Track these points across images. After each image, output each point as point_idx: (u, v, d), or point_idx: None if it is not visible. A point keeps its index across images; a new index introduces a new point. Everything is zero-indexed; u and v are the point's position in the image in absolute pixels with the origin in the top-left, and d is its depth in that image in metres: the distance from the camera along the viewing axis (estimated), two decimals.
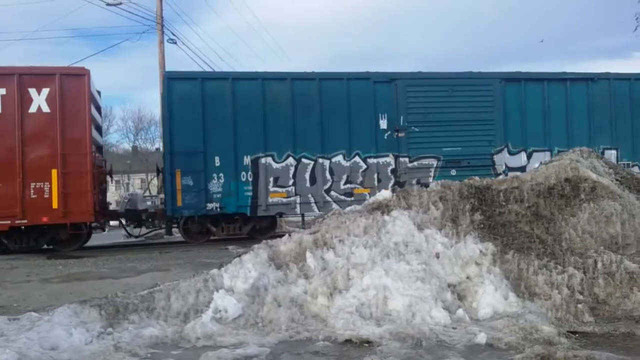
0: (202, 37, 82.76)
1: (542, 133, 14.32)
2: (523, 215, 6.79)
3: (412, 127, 13.56)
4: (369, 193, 12.61)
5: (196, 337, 4.86)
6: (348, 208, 7.24)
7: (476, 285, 5.77)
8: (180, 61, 45.75)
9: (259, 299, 5.49)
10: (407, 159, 13.48)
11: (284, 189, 12.90)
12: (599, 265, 5.97)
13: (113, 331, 4.87)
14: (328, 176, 13.10)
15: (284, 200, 12.91)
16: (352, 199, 12.79)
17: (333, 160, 13.15)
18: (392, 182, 13.25)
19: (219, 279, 5.73)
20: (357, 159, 13.27)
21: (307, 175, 13.00)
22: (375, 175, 13.28)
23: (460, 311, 5.42)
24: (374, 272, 5.66)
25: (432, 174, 13.54)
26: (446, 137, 13.67)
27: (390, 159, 13.44)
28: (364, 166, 13.31)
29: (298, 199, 12.95)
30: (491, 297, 5.55)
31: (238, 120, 12.67)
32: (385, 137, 13.46)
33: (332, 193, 13.07)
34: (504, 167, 13.93)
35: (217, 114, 12.59)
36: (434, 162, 13.68)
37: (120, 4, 19.60)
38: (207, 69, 20.48)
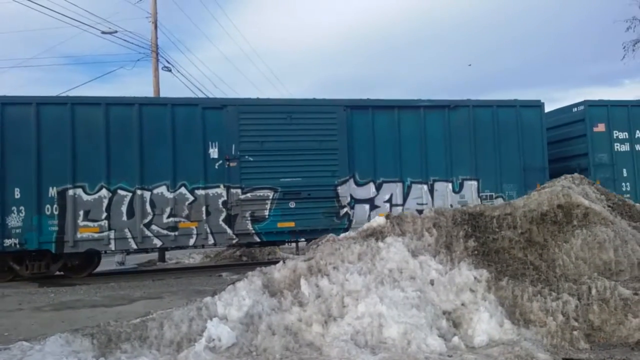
0: (196, 65, 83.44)
1: (394, 163, 13.60)
2: (516, 242, 6.82)
3: (246, 157, 12.67)
4: (195, 227, 12.17)
5: None
6: (342, 235, 7.24)
7: (471, 312, 5.76)
8: (175, 88, 46.06)
9: (253, 327, 5.46)
10: (239, 190, 12.51)
11: (95, 223, 11.81)
12: (593, 291, 5.99)
13: None
14: (149, 209, 12.07)
15: (96, 235, 11.80)
16: (177, 233, 12.10)
17: (155, 191, 12.14)
18: (223, 214, 12.38)
19: (212, 307, 5.69)
20: (183, 190, 12.32)
21: (124, 208, 11.96)
22: (204, 208, 12.32)
23: (455, 339, 5.40)
24: (369, 300, 5.64)
25: (268, 206, 12.67)
26: (284, 167, 12.85)
27: (221, 190, 12.49)
28: (191, 198, 12.32)
29: (112, 234, 11.85)
30: (486, 325, 5.54)
31: (43, 148, 11.68)
32: (216, 167, 12.54)
33: (153, 227, 12.04)
34: (349, 198, 13.14)
35: (18, 141, 11.60)
36: (270, 194, 12.72)
37: (116, 32, 19.78)
38: (202, 96, 20.61)
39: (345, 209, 13.11)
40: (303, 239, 13.49)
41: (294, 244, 14.59)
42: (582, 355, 5.18)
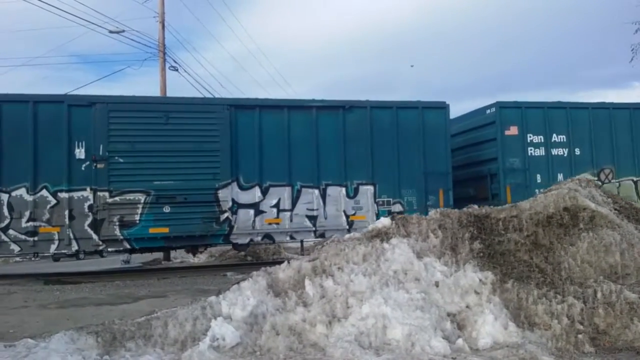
0: (203, 64, 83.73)
1: (283, 166, 12.83)
2: (522, 244, 6.79)
3: (116, 158, 11.85)
4: (57, 232, 11.40)
5: None
6: (347, 235, 7.23)
7: (476, 314, 5.74)
8: (182, 88, 46.20)
9: (257, 326, 5.46)
10: (107, 193, 11.70)
11: None
12: (599, 295, 5.96)
13: (109, 359, 4.83)
14: (6, 212, 11.29)
15: None
16: (37, 238, 11.34)
17: (13, 194, 11.37)
18: (89, 219, 11.59)
19: (217, 307, 5.70)
20: (44, 192, 11.51)
21: None
22: (67, 212, 11.49)
23: (459, 341, 5.39)
24: (373, 301, 5.64)
25: (139, 210, 11.86)
26: (159, 169, 12.04)
27: (87, 193, 11.67)
28: (53, 201, 11.51)
29: None
30: (491, 327, 5.52)
31: None
32: (83, 169, 11.73)
33: (11, 232, 11.24)
34: (230, 203, 12.38)
35: None
36: (142, 198, 11.90)
37: (123, 31, 19.85)
38: (209, 96, 20.64)
39: (226, 214, 12.32)
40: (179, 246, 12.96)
41: (298, 244, 14.57)
42: (587, 359, 5.16)
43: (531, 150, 14.63)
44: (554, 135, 14.79)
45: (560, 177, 14.27)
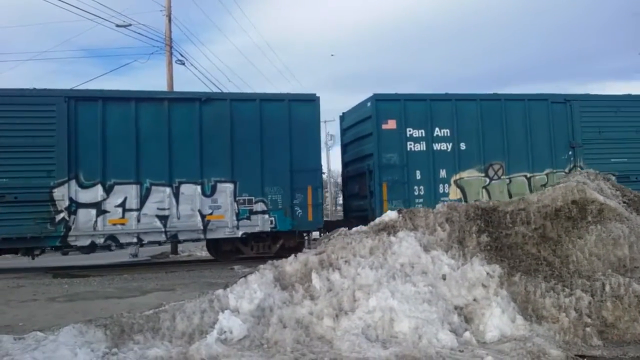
0: (209, 58, 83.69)
1: (130, 163, 11.98)
2: (530, 238, 6.77)
3: None
4: None
5: (201, 358, 4.83)
6: (354, 229, 7.22)
7: (483, 307, 5.73)
8: (189, 81, 46.23)
9: (264, 319, 5.47)
10: None
11: None
12: (607, 288, 5.93)
13: (118, 351, 4.85)
14: None
15: None
16: None
17: None
18: None
19: (224, 300, 5.72)
20: None
21: None
22: None
23: (467, 334, 5.38)
24: (380, 294, 5.64)
25: None
26: None
27: None
28: None
29: None
30: (498, 320, 5.51)
31: None
32: None
33: None
34: (68, 202, 11.44)
35: None
36: None
37: (130, 25, 19.84)
38: (215, 90, 20.65)
39: (62, 215, 11.42)
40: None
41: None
42: (594, 352, 5.14)
43: (411, 145, 13.74)
44: (437, 129, 13.90)
45: (442, 173, 13.70)
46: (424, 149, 13.78)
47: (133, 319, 5.40)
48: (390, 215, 7.16)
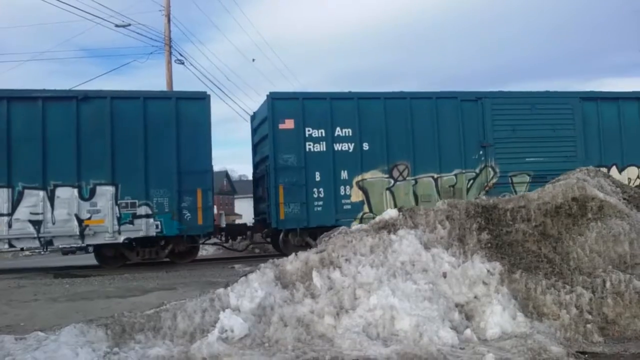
0: (208, 57, 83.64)
1: (0, 165, 11.54)
2: (530, 235, 6.77)
3: None
4: None
5: (202, 357, 4.84)
6: (355, 227, 7.22)
7: (484, 305, 5.73)
8: (189, 81, 46.10)
9: (265, 318, 5.48)
10: None
11: None
12: (608, 284, 5.93)
13: (119, 351, 4.85)
14: None
15: None
16: None
17: None
18: None
19: (225, 299, 5.72)
20: None
21: None
22: None
23: (468, 331, 5.38)
24: (381, 292, 5.64)
25: None
26: None
27: None
28: None
29: None
30: (499, 317, 5.51)
31: None
32: None
33: None
34: None
35: None
36: None
37: (129, 25, 19.85)
38: (214, 89, 20.63)
39: None
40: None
41: None
42: (595, 349, 5.15)
43: (310, 145, 13.25)
44: (338, 128, 13.45)
45: (344, 174, 13.24)
46: (324, 149, 13.31)
47: (134, 318, 5.41)
48: (390, 213, 7.15)
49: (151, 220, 12.31)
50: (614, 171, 14.59)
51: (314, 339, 5.30)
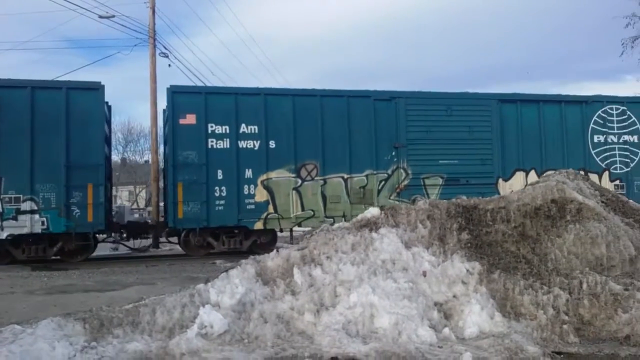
0: (193, 51, 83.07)
1: None
2: (509, 235, 6.84)
3: None
4: None
5: (181, 353, 4.82)
6: (337, 225, 7.24)
7: (462, 304, 5.79)
8: (173, 73, 45.82)
9: (245, 314, 5.47)
10: None
11: None
12: (584, 286, 6.02)
13: (97, 345, 4.82)
14: None
15: None
16: None
17: None
18: None
19: (205, 294, 5.70)
20: None
21: None
22: None
23: (446, 330, 5.43)
24: (361, 290, 5.66)
25: None
26: None
27: None
28: None
29: None
30: (477, 317, 5.57)
31: None
32: None
33: None
34: None
35: None
36: None
37: (113, 17, 19.62)
38: (199, 83, 20.50)
39: None
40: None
41: (288, 233, 14.50)
42: (571, 349, 5.22)
43: (213, 142, 12.75)
44: (244, 125, 12.95)
45: (248, 173, 12.85)
46: (228, 146, 12.84)
47: (112, 312, 5.37)
48: (372, 211, 7.18)
49: (37, 216, 11.78)
50: (532, 175, 14.38)
51: (294, 335, 5.31)
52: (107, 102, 13.61)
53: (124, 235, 14.11)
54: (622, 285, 6.09)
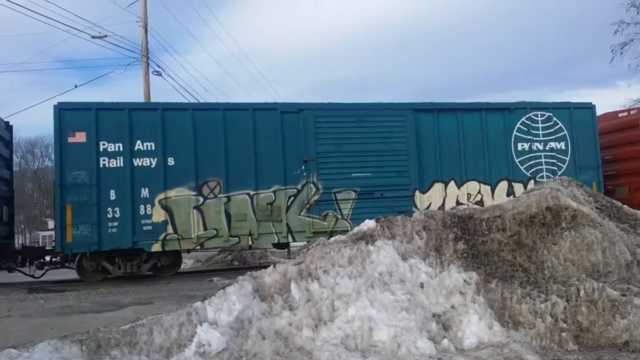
0: (186, 69, 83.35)
1: None
2: (505, 244, 6.85)
3: None
4: None
5: None
6: (333, 238, 7.24)
7: (461, 314, 5.78)
8: (167, 92, 45.89)
9: (243, 331, 5.45)
10: None
11: None
12: (582, 293, 6.02)
13: None
14: None
15: None
16: None
17: None
18: None
19: (202, 312, 5.68)
20: None
21: None
22: None
23: (445, 341, 5.42)
24: (359, 303, 5.65)
25: None
26: None
27: None
28: None
29: None
30: (476, 327, 5.56)
31: None
32: None
33: None
34: None
35: None
36: None
37: (106, 36, 19.73)
38: (192, 100, 20.55)
39: None
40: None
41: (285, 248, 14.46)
42: (570, 357, 5.22)
43: (105, 161, 12.05)
44: (139, 142, 12.29)
45: (144, 192, 12.18)
46: (122, 165, 12.16)
47: (110, 333, 5.34)
48: (368, 224, 7.19)
49: None
50: (452, 186, 14.06)
51: (293, 351, 5.29)
52: (8, 122, 13.26)
53: (18, 260, 13.34)
54: (619, 291, 6.10)
